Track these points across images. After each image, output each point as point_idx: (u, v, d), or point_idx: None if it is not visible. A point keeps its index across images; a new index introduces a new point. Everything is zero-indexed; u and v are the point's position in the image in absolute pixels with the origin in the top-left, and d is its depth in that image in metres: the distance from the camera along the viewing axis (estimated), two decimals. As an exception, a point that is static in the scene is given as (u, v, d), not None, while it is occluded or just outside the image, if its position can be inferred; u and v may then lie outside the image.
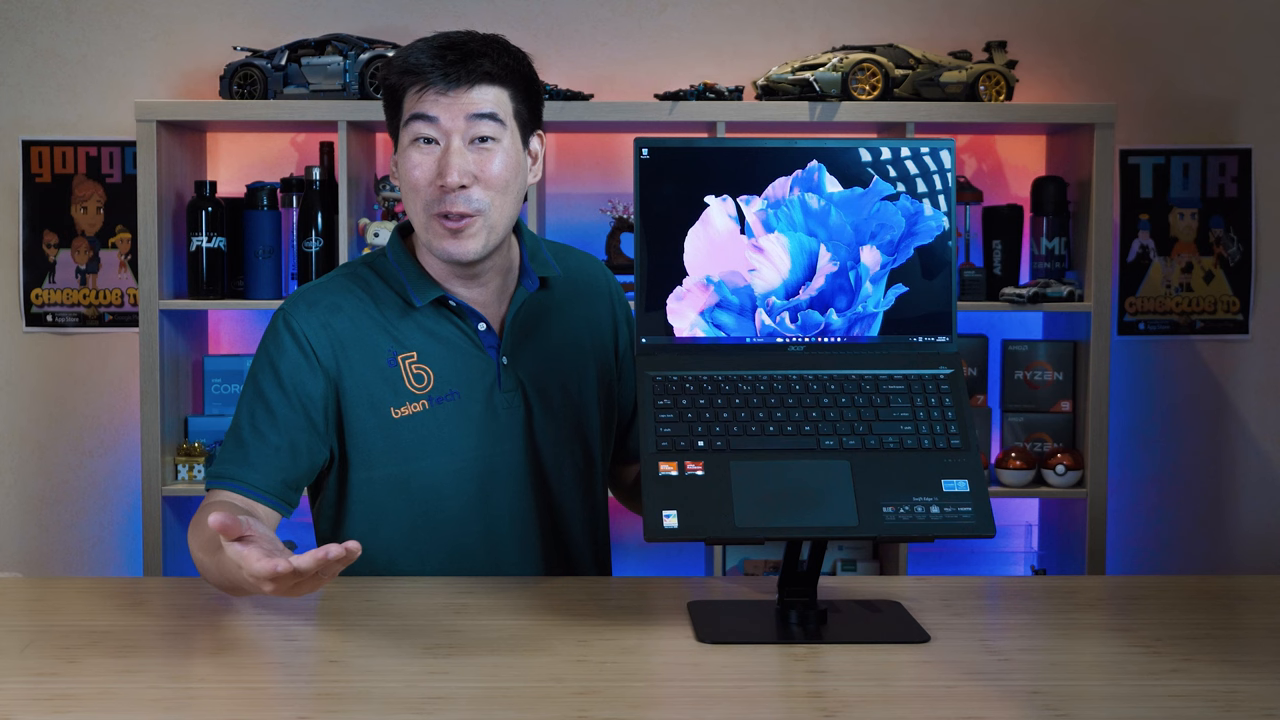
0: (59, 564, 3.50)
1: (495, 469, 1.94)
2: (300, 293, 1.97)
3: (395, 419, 1.90)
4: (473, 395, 1.93)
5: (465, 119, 1.85)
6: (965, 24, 3.43)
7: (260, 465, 1.87)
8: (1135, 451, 3.51)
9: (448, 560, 1.94)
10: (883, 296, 1.75)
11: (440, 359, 1.92)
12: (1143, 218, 3.47)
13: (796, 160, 1.74)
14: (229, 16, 3.42)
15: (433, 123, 1.85)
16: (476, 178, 1.85)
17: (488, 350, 1.94)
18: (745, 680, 1.51)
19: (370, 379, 1.91)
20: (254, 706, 1.43)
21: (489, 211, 1.87)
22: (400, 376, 1.91)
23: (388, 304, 1.94)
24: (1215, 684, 1.49)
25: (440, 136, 1.85)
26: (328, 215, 3.21)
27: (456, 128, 1.85)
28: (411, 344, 1.92)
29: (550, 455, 1.97)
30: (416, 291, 1.93)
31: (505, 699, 1.44)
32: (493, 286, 1.96)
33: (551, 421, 1.97)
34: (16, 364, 3.47)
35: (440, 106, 1.84)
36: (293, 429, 1.89)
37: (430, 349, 1.92)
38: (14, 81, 3.43)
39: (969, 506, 1.63)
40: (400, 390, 1.91)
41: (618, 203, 3.31)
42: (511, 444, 1.94)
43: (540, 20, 3.40)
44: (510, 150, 1.88)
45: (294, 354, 1.90)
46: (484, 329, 1.94)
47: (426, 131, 1.85)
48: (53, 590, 1.94)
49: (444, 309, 1.94)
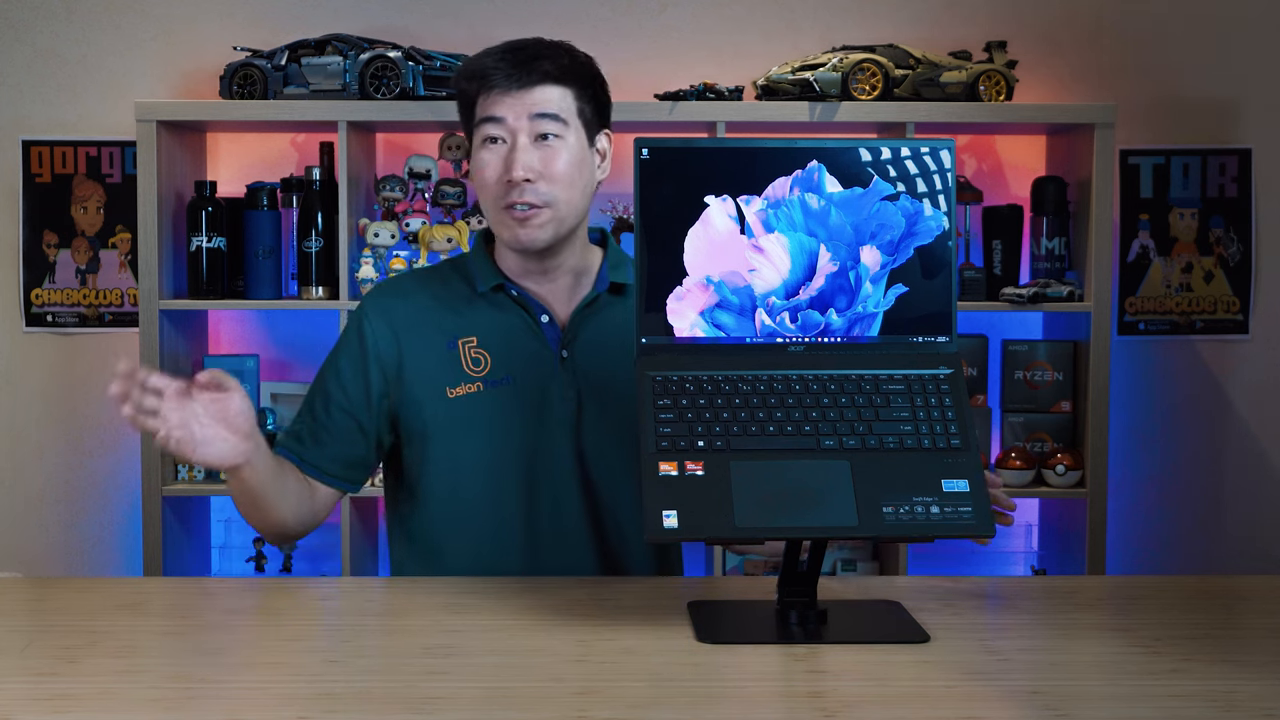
0: (59, 564, 3.50)
1: (543, 457, 1.98)
2: (389, 280, 2.11)
3: (450, 398, 1.97)
4: (528, 383, 1.98)
5: (529, 118, 1.93)
6: (965, 24, 3.43)
7: (320, 443, 1.99)
8: (1135, 451, 3.51)
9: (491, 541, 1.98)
10: (883, 296, 1.74)
11: (499, 344, 1.99)
12: (1143, 218, 3.48)
13: (796, 160, 1.74)
14: (229, 16, 3.42)
15: (499, 123, 1.94)
16: (541, 174, 1.93)
17: (549, 342, 2.00)
18: (745, 680, 1.51)
19: (430, 360, 1.99)
20: (254, 706, 1.43)
21: (556, 204, 1.95)
22: (459, 359, 1.99)
23: (456, 291, 2.04)
24: (1215, 684, 1.49)
25: (506, 135, 1.94)
26: (328, 215, 3.21)
27: (521, 126, 1.93)
28: (473, 329, 2.00)
29: (600, 452, 1.99)
30: (480, 278, 2.02)
31: (505, 699, 1.44)
32: (563, 284, 2.03)
33: (604, 419, 1.99)
34: (16, 364, 3.47)
35: (505, 106, 1.93)
36: (343, 412, 1.99)
37: (490, 334, 2.00)
38: (14, 81, 3.43)
39: (969, 506, 1.63)
40: (458, 372, 1.98)
41: (618, 203, 3.31)
42: (562, 435, 1.98)
43: (540, 20, 3.40)
44: (575, 147, 1.95)
45: (355, 349, 2.01)
46: (547, 321, 2.00)
47: (494, 131, 1.94)
48: (53, 590, 1.94)
49: (506, 298, 2.01)
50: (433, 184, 3.28)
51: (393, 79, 3.13)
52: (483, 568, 1.94)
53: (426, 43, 3.33)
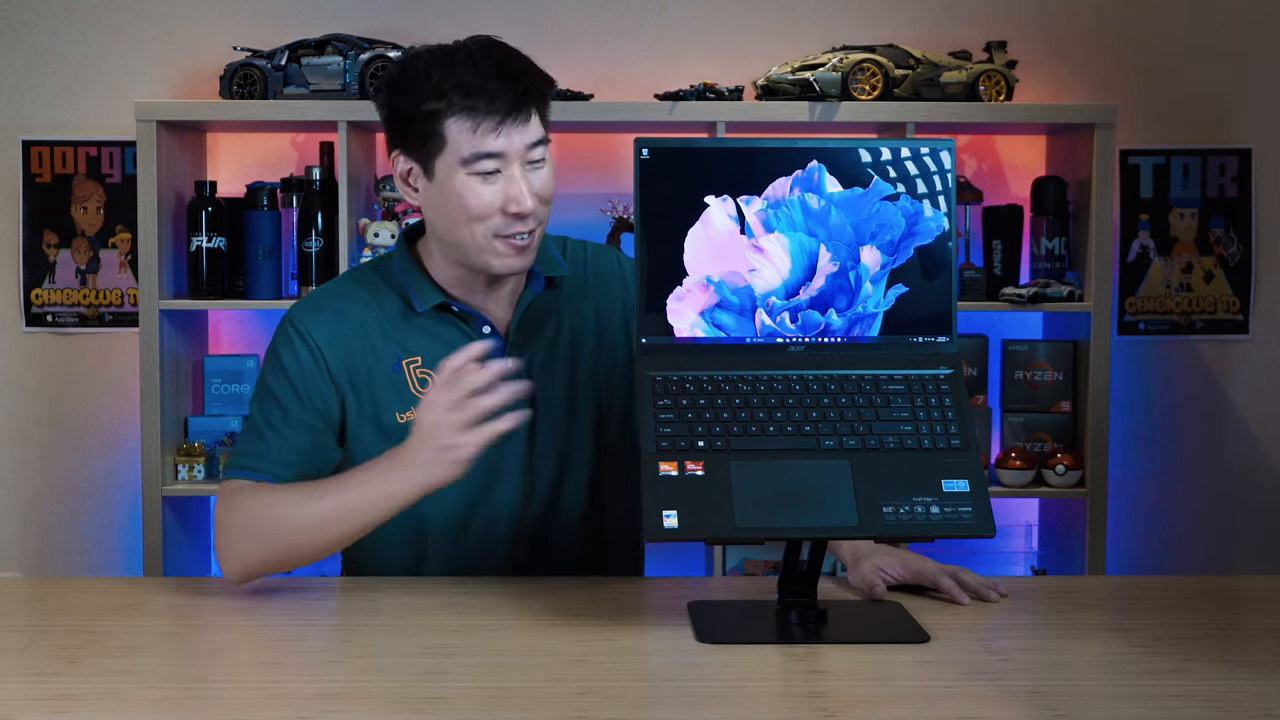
0: (59, 564, 3.50)
1: (500, 472, 1.93)
2: (308, 298, 1.98)
3: (400, 423, 1.90)
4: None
5: (525, 148, 1.84)
6: (965, 24, 3.43)
7: (279, 458, 1.88)
8: (1135, 451, 3.50)
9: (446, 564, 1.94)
10: (883, 297, 1.75)
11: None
12: (1143, 218, 3.47)
13: (796, 160, 1.74)
14: (229, 16, 3.42)
15: (498, 158, 1.83)
16: (538, 198, 1.86)
17: (493, 354, 1.93)
18: (745, 680, 1.51)
19: (375, 383, 1.91)
20: (254, 706, 1.43)
21: (543, 223, 1.89)
22: (405, 381, 1.91)
23: (392, 309, 1.94)
24: (1215, 684, 1.49)
25: (503, 166, 1.84)
26: (328, 215, 3.21)
27: (517, 155, 1.84)
28: (416, 348, 1.92)
29: (556, 457, 1.96)
30: (419, 297, 1.93)
31: (505, 699, 1.44)
32: (505, 290, 1.96)
33: (556, 423, 1.96)
34: (16, 364, 3.47)
35: (502, 141, 1.83)
36: (307, 428, 1.89)
37: (435, 353, 1.90)
38: (14, 81, 3.43)
39: (969, 506, 1.63)
40: (405, 395, 1.91)
41: (618, 203, 3.31)
42: (515, 447, 1.93)
43: (540, 20, 3.40)
44: (551, 160, 1.90)
45: (305, 358, 1.91)
46: (489, 332, 1.94)
47: (491, 166, 1.83)
48: (53, 590, 1.94)
49: (446, 314, 1.94)
50: (433, 184, 3.28)
51: (393, 79, 3.13)
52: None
53: (426, 43, 3.32)
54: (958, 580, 1.81)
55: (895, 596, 1.80)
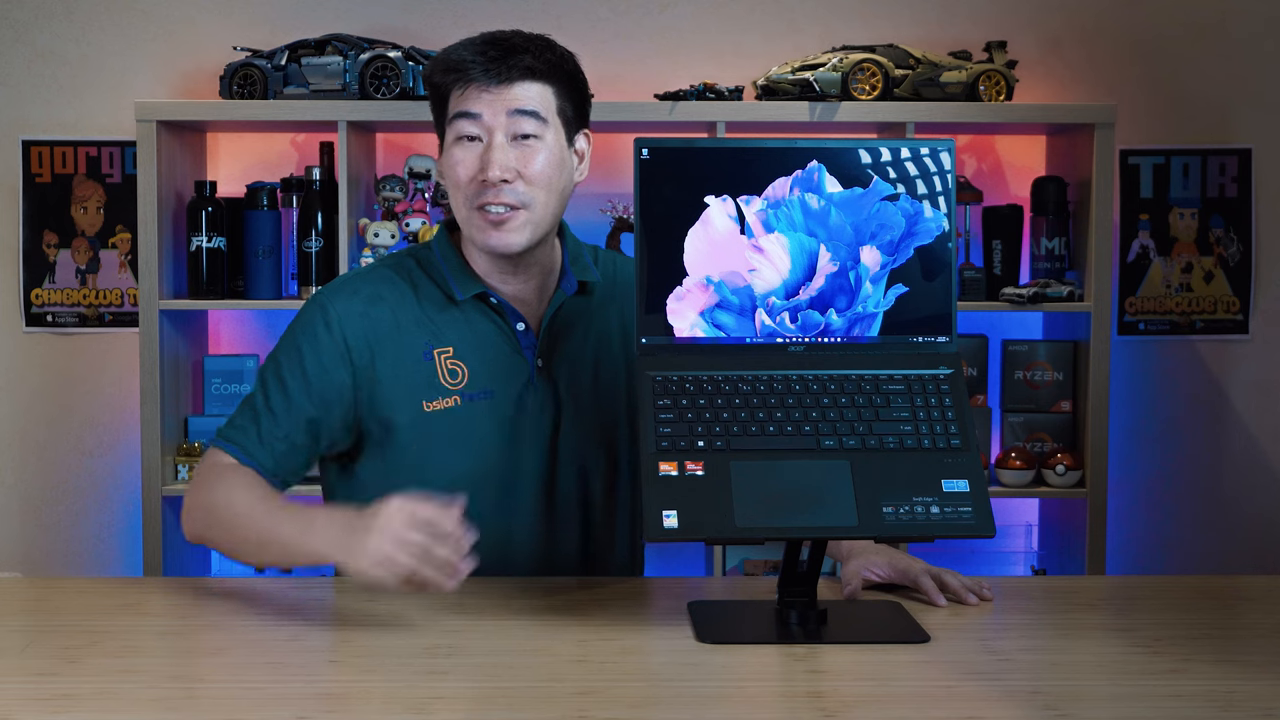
0: (59, 564, 3.50)
1: (518, 470, 1.93)
2: (341, 280, 1.99)
3: (426, 412, 1.90)
4: (505, 395, 1.92)
5: (507, 115, 1.85)
6: (965, 24, 3.43)
7: (268, 444, 1.88)
8: (1135, 451, 3.50)
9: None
10: (883, 297, 1.75)
11: (476, 356, 1.92)
12: (1143, 218, 3.47)
13: (796, 160, 1.74)
14: (229, 16, 3.42)
15: (475, 119, 1.86)
16: (519, 174, 1.86)
17: (524, 351, 1.94)
18: (745, 680, 1.51)
19: (405, 370, 1.91)
20: (254, 706, 1.43)
21: (533, 206, 1.87)
22: (435, 370, 1.91)
23: (429, 297, 1.94)
24: (1215, 684, 1.49)
25: (483, 133, 1.86)
26: (328, 215, 3.21)
27: (498, 124, 1.85)
28: (449, 339, 1.92)
29: (575, 461, 1.96)
30: (459, 285, 1.93)
31: (505, 699, 1.44)
32: (534, 284, 1.96)
33: (580, 427, 1.96)
34: (16, 364, 3.47)
35: (483, 103, 1.85)
36: (304, 418, 1.89)
37: (467, 345, 1.92)
38: (14, 81, 3.43)
39: (969, 506, 1.63)
40: (434, 384, 1.91)
41: (618, 203, 3.31)
42: (536, 447, 1.93)
43: (540, 20, 3.40)
44: (554, 147, 1.88)
45: (325, 343, 1.90)
46: (522, 329, 1.94)
47: (470, 129, 1.86)
48: (53, 590, 1.94)
49: (484, 306, 1.94)
50: (433, 184, 3.28)
51: (393, 79, 3.14)
52: None
53: (426, 43, 3.33)
54: (939, 582, 1.81)
55: (891, 597, 1.80)
